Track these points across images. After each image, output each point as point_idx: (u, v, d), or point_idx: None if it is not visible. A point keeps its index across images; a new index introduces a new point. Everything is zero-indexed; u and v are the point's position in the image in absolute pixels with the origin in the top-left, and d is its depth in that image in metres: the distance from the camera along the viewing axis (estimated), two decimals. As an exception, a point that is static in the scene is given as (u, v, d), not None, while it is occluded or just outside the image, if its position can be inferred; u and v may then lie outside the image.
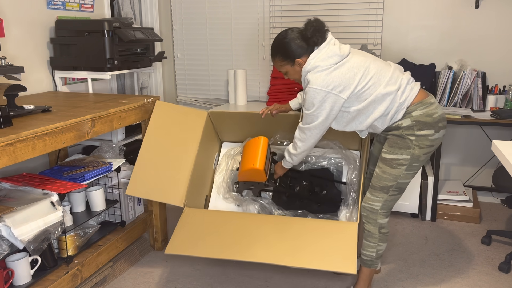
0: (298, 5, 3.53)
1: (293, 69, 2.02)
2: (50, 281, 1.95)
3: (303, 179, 2.55)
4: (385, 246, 2.13)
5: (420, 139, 1.95)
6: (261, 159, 2.32)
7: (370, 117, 1.98)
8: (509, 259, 2.46)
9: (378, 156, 2.27)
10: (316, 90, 1.90)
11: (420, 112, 1.95)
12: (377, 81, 1.94)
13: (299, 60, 1.98)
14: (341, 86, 1.90)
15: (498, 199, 3.44)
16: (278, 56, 2.02)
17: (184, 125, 2.53)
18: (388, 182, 2.01)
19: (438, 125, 1.96)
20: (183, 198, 2.27)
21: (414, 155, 1.96)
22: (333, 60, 1.92)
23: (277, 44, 2.01)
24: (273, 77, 3.49)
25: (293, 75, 2.05)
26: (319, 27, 1.94)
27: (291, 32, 1.98)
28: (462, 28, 3.25)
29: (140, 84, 3.74)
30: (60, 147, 1.90)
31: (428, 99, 1.98)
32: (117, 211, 2.49)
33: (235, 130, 2.73)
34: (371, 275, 2.20)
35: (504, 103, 3.11)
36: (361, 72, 1.92)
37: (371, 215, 2.07)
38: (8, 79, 2.19)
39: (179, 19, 3.85)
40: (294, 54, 1.97)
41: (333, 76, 1.90)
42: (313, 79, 1.91)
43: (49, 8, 2.81)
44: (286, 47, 1.97)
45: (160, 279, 2.43)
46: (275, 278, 2.42)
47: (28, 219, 1.82)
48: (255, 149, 2.38)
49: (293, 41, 1.96)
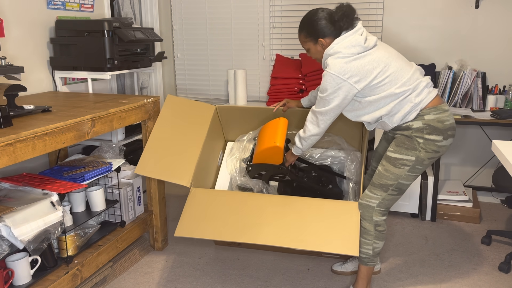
0: (298, 5, 3.53)
1: (315, 48, 2.06)
2: (50, 281, 1.95)
3: (313, 170, 2.55)
4: (382, 244, 2.13)
5: (428, 143, 1.96)
6: (281, 138, 2.29)
7: (378, 111, 2.01)
8: (509, 259, 2.46)
9: (383, 154, 2.28)
10: (332, 76, 1.93)
11: (433, 116, 1.96)
12: (394, 79, 1.96)
13: (322, 40, 2.01)
14: (357, 77, 1.92)
15: (498, 199, 3.44)
16: (303, 32, 2.06)
17: (193, 117, 2.56)
18: (389, 180, 2.02)
19: (447, 133, 1.98)
20: (190, 180, 2.27)
21: (419, 157, 1.97)
22: (356, 49, 1.94)
23: (305, 20, 2.04)
24: (273, 77, 3.49)
25: (315, 54, 2.09)
26: (348, 13, 1.96)
27: (321, 12, 2.01)
28: (462, 28, 3.25)
29: (140, 84, 3.74)
30: (60, 147, 1.90)
31: (442, 105, 2.00)
32: (117, 211, 2.49)
33: (241, 127, 2.74)
34: (369, 273, 2.19)
35: (504, 103, 3.11)
36: (380, 67, 1.94)
37: (367, 212, 2.07)
38: (8, 79, 2.19)
39: (179, 19, 3.85)
40: (318, 33, 2.00)
41: (351, 66, 1.92)
42: (332, 64, 1.94)
43: (49, 8, 2.81)
44: (312, 24, 2.01)
45: (160, 279, 2.43)
46: (275, 278, 2.42)
47: (28, 219, 1.82)
48: (274, 129, 2.34)
49: (320, 20, 1.99)
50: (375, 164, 2.35)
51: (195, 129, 2.50)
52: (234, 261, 2.60)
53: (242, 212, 2.12)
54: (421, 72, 2.06)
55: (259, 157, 2.35)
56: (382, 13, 3.37)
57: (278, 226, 2.04)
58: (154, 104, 2.55)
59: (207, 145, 2.52)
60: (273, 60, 3.67)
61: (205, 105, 2.66)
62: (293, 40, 3.58)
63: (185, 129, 2.47)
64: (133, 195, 2.56)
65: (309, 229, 2.01)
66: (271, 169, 2.37)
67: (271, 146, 2.26)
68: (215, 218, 2.12)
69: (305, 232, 2.00)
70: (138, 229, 2.56)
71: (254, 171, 2.41)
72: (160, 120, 2.43)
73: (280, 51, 3.64)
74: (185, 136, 2.44)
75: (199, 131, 2.51)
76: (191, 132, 2.48)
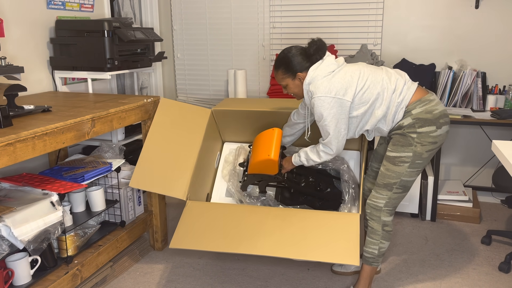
0: (298, 5, 3.53)
1: (294, 82, 2.12)
2: (50, 281, 1.95)
3: (310, 175, 2.55)
4: (388, 244, 2.14)
5: (422, 136, 1.98)
6: (275, 150, 2.30)
7: (373, 116, 2.04)
8: (509, 259, 2.46)
9: (381, 153, 2.31)
10: (320, 98, 1.98)
11: (419, 109, 1.98)
12: (374, 80, 2.02)
13: (300, 74, 2.08)
14: (343, 90, 1.98)
15: (498, 199, 3.44)
16: (281, 69, 2.12)
17: (188, 122, 2.53)
18: (391, 179, 2.04)
19: (439, 121, 1.99)
20: (186, 192, 2.27)
21: (416, 152, 1.99)
22: (331, 68, 2.03)
23: (281, 58, 2.13)
24: (273, 77, 3.49)
25: (293, 88, 2.14)
26: (322, 46, 2.05)
27: (294, 49, 2.11)
28: (462, 28, 3.25)
29: (140, 84, 3.74)
30: (60, 147, 1.90)
31: (427, 96, 2.02)
32: (117, 211, 2.49)
33: (237, 129, 2.73)
34: (372, 274, 2.20)
35: (504, 103, 3.11)
36: (356, 74, 2.02)
37: (375, 212, 2.09)
38: (8, 79, 2.19)
39: (179, 19, 3.85)
40: (296, 68, 2.08)
41: (333, 82, 1.99)
42: (316, 89, 2.00)
43: (49, 8, 2.81)
44: (289, 61, 2.08)
45: (160, 279, 2.43)
46: (275, 278, 2.42)
47: (28, 219, 1.82)
48: (269, 140, 2.35)
49: (296, 56, 2.08)
50: (375, 164, 2.36)
51: (190, 136, 2.48)
52: (234, 261, 2.60)
53: (240, 224, 2.11)
54: (396, 72, 2.09)
55: (253, 168, 2.37)
56: (382, 13, 3.37)
57: (276, 237, 2.02)
58: (154, 104, 2.55)
59: (204, 150, 2.51)
60: (273, 60, 3.67)
61: (201, 109, 2.63)
62: (293, 40, 3.58)
63: (180, 136, 2.44)
64: (133, 195, 2.56)
65: (308, 240, 2.00)
66: (267, 178, 2.39)
67: (265, 159, 2.28)
68: (212, 229, 2.11)
69: (304, 242, 1.99)
70: (138, 229, 2.56)
71: (248, 183, 2.43)
72: (154, 127, 2.40)
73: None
74: (180, 144, 2.41)
75: (194, 137, 2.48)
76: (186, 138, 2.45)
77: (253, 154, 2.38)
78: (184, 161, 2.37)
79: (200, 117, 2.59)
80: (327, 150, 2.09)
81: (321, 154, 2.12)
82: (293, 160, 2.27)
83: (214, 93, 3.91)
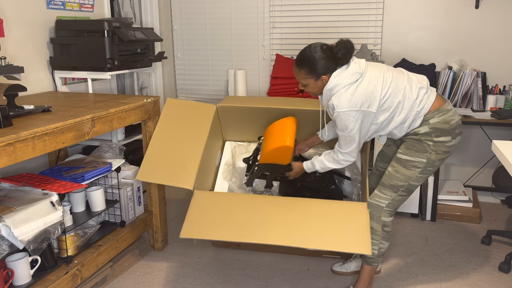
0: (298, 5, 3.53)
1: (316, 83, 2.02)
2: (50, 281, 1.95)
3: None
4: (388, 245, 2.14)
5: (438, 145, 1.98)
6: (291, 137, 2.24)
7: (391, 124, 2.02)
8: (509, 259, 2.46)
9: (389, 154, 2.30)
10: (346, 112, 1.93)
11: (437, 119, 1.98)
12: (396, 87, 1.98)
13: (324, 76, 1.99)
14: (368, 101, 1.94)
15: (498, 199, 3.44)
16: (304, 69, 2.00)
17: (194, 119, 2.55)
18: (399, 181, 2.04)
19: (455, 132, 2.00)
20: (193, 182, 2.26)
21: (430, 159, 1.99)
22: (354, 77, 1.95)
23: (306, 58, 1.98)
24: (273, 77, 3.49)
25: (313, 88, 2.05)
26: (350, 50, 1.96)
27: (321, 50, 1.97)
28: (462, 28, 3.25)
29: (140, 84, 3.74)
30: (60, 147, 1.90)
31: (445, 106, 2.01)
32: (117, 211, 2.49)
33: (240, 127, 2.73)
34: (372, 274, 2.20)
35: (504, 103, 3.11)
36: (380, 82, 1.96)
37: (376, 212, 2.08)
38: (8, 79, 2.19)
39: (179, 19, 3.85)
40: (320, 71, 1.97)
41: (357, 94, 1.93)
42: (340, 103, 1.93)
43: (49, 8, 2.81)
44: (315, 63, 1.96)
45: (160, 279, 2.43)
46: (275, 278, 2.42)
47: (28, 219, 1.82)
48: (283, 128, 2.31)
49: (323, 60, 1.96)
50: (380, 164, 2.36)
51: (196, 131, 2.49)
52: (234, 261, 2.60)
53: (248, 214, 2.10)
54: (417, 78, 2.06)
55: (267, 157, 2.31)
56: (382, 13, 3.37)
57: (286, 226, 2.02)
58: (154, 104, 2.55)
59: (208, 146, 2.52)
60: (273, 60, 3.67)
61: (206, 105, 2.66)
62: (293, 40, 3.59)
63: (186, 131, 2.47)
64: (133, 195, 2.56)
65: (318, 229, 1.99)
66: (278, 169, 2.33)
67: (281, 146, 2.22)
68: (221, 219, 2.11)
69: (315, 232, 1.99)
70: (138, 229, 2.56)
71: (259, 172, 2.37)
72: (161, 124, 2.43)
73: (280, 51, 3.64)
74: (186, 138, 2.43)
75: (200, 132, 2.50)
76: (192, 134, 2.47)
77: (267, 143, 2.33)
78: (191, 154, 2.37)
79: (206, 114, 2.60)
80: (348, 158, 2.07)
81: (342, 163, 2.09)
82: (305, 167, 2.23)
83: (214, 93, 3.91)
